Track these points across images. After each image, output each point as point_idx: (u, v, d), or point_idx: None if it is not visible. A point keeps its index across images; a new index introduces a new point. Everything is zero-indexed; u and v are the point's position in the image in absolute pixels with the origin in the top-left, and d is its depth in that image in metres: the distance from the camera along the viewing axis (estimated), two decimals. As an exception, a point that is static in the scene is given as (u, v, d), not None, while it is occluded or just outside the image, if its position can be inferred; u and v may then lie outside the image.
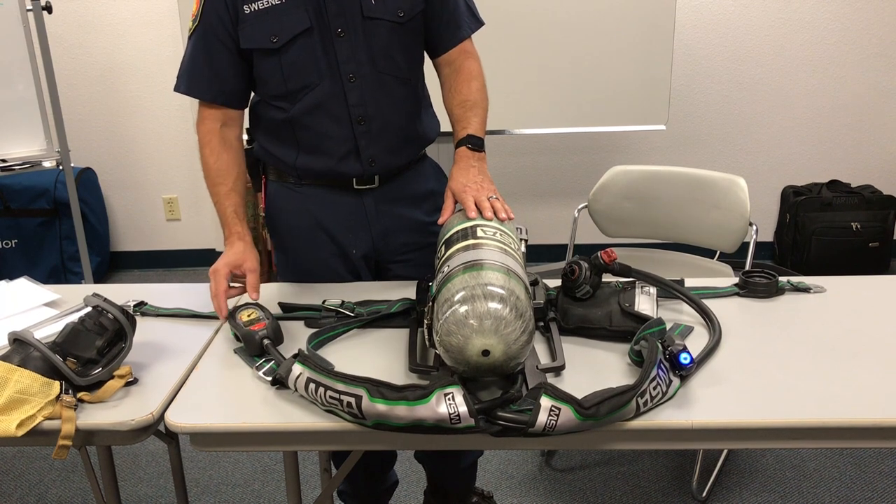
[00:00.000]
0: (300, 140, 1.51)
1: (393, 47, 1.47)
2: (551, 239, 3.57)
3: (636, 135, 3.63)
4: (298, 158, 1.52)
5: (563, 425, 1.00)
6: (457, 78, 1.55)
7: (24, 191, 3.51)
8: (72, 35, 3.60)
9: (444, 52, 1.56)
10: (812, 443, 1.09)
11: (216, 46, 1.45)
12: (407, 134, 1.56)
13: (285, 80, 1.46)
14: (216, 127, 1.49)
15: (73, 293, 1.53)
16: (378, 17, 1.44)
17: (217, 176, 1.47)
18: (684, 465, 2.26)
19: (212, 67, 1.47)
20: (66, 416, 1.08)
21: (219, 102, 1.49)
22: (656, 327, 1.17)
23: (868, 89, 3.56)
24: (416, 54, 1.55)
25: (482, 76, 1.57)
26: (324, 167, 1.52)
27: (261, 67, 1.47)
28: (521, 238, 1.34)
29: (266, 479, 2.27)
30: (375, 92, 1.48)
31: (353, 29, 1.43)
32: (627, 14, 2.98)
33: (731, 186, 2.21)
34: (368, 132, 1.49)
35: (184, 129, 3.67)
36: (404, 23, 1.47)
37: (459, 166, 1.45)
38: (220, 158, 1.48)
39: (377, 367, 1.22)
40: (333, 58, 1.44)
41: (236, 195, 1.47)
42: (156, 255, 3.96)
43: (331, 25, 1.42)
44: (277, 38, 1.42)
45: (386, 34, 1.46)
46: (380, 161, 1.53)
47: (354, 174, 1.53)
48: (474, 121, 1.50)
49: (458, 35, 1.55)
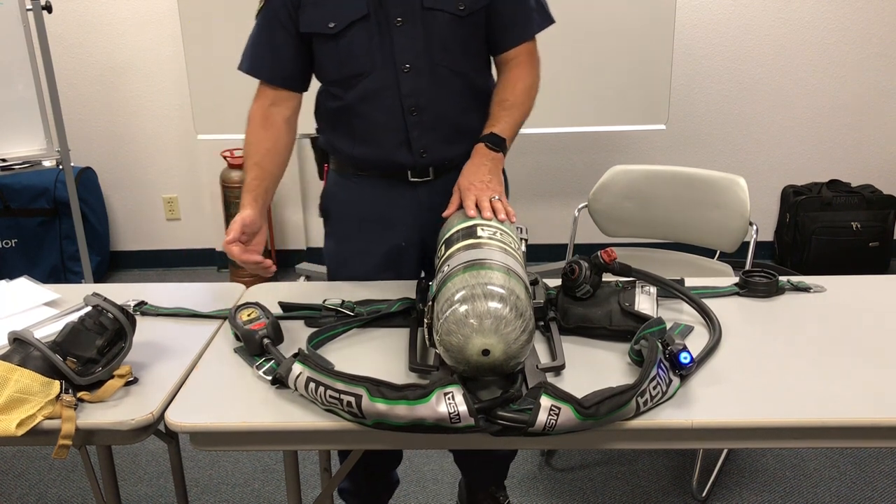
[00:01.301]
0: (355, 129, 1.54)
1: (451, 40, 1.47)
2: (551, 238, 3.57)
3: (636, 134, 3.63)
4: (355, 148, 1.55)
5: (563, 425, 1.00)
6: (507, 76, 1.55)
7: (24, 190, 3.51)
8: (72, 35, 3.60)
9: (504, 51, 1.55)
10: (812, 442, 1.09)
11: (278, 29, 1.49)
12: (461, 127, 1.54)
13: (340, 66, 1.48)
14: (265, 105, 1.53)
15: (73, 293, 1.53)
16: (438, 8, 1.44)
17: (248, 148, 1.52)
18: (684, 465, 2.26)
19: (272, 49, 1.51)
20: (66, 416, 1.08)
21: (276, 84, 1.53)
22: (656, 327, 1.18)
23: (868, 89, 3.56)
24: (476, 48, 1.54)
25: (535, 81, 1.56)
26: (377, 157, 1.54)
27: (319, 52, 1.50)
28: (521, 238, 1.34)
29: (266, 478, 2.27)
30: (429, 83, 1.48)
31: (412, 19, 1.44)
32: (627, 14, 2.98)
33: (731, 186, 2.21)
34: (420, 123, 1.50)
35: (184, 129, 3.67)
36: (465, 16, 1.46)
37: (472, 162, 1.46)
38: (256, 133, 1.52)
39: (377, 366, 1.21)
40: (389, 47, 1.45)
41: (257, 168, 1.50)
42: (156, 255, 3.96)
43: (389, 14, 1.43)
44: (334, 24, 1.44)
45: (445, 26, 1.46)
46: (431, 152, 1.53)
47: (406, 165, 1.54)
48: (505, 121, 1.50)
49: (522, 35, 1.54)
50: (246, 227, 1.41)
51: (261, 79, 1.54)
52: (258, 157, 1.51)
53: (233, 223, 1.41)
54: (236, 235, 1.39)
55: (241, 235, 1.40)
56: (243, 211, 1.45)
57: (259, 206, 1.47)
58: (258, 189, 1.48)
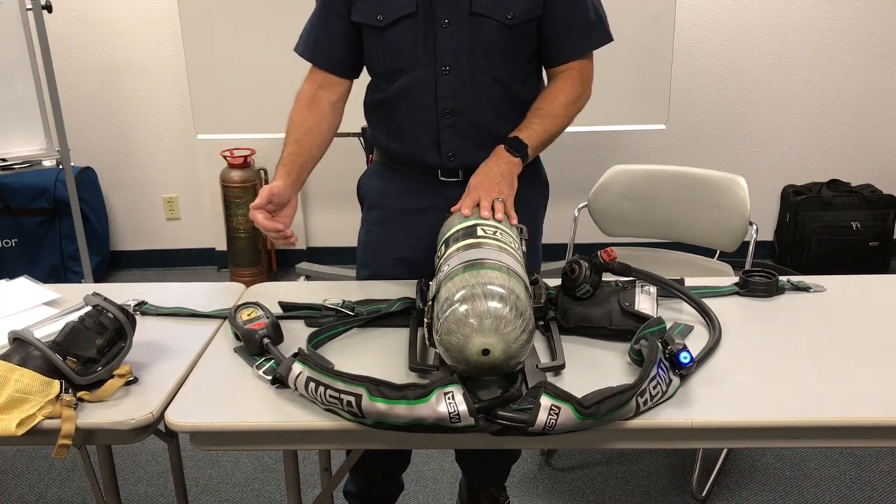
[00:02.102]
0: (391, 122, 1.56)
1: (496, 47, 1.47)
2: (551, 238, 3.53)
3: (636, 134, 3.63)
4: (389, 141, 1.58)
5: (563, 424, 1.00)
6: (551, 88, 1.54)
7: (24, 190, 3.50)
8: (72, 34, 3.60)
9: (558, 65, 1.54)
10: (812, 442, 1.09)
11: (333, 16, 1.53)
12: (494, 135, 1.51)
13: (384, 59, 1.51)
14: (313, 87, 1.57)
15: (73, 292, 1.53)
16: (485, 14, 1.44)
17: (291, 126, 1.55)
18: (684, 465, 2.26)
19: (326, 35, 1.55)
20: (66, 416, 1.08)
21: (327, 69, 1.56)
22: (656, 326, 1.18)
23: (868, 89, 3.56)
24: (521, 59, 1.52)
25: (576, 95, 1.53)
26: (408, 152, 1.56)
27: (367, 43, 1.53)
28: (521, 237, 1.34)
29: (266, 478, 2.27)
30: (468, 88, 1.48)
31: (459, 22, 1.45)
32: (627, 14, 2.97)
33: (731, 186, 2.21)
34: (453, 126, 1.51)
35: (184, 129, 3.67)
36: (513, 26, 1.45)
37: (486, 163, 1.46)
38: (300, 113, 1.55)
39: (377, 366, 1.21)
40: (432, 46, 1.46)
41: (295, 145, 1.51)
42: (156, 255, 3.96)
43: (437, 14, 1.45)
44: (383, 17, 1.46)
45: (491, 33, 1.45)
46: (461, 156, 1.53)
47: (434, 164, 1.55)
48: (534, 128, 1.48)
49: (576, 49, 1.53)
50: (274, 195, 1.42)
51: (312, 62, 1.57)
52: (298, 133, 1.53)
53: (262, 191, 1.42)
54: (262, 202, 1.40)
55: (267, 203, 1.41)
56: (274, 181, 1.46)
57: (291, 180, 1.48)
58: (293, 164, 1.50)
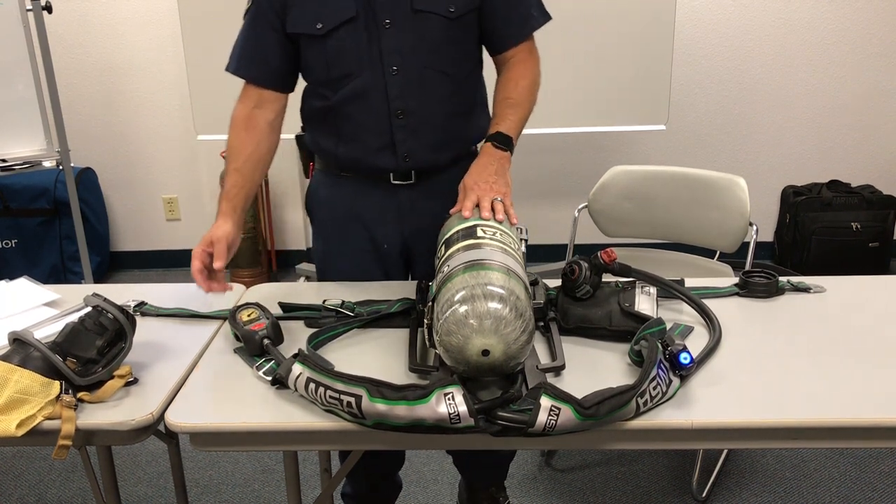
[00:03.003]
0: (340, 129, 1.52)
1: (441, 42, 1.46)
2: (551, 239, 3.57)
3: (636, 135, 3.63)
4: (338, 148, 1.54)
5: (563, 425, 1.00)
6: (508, 74, 1.53)
7: (24, 190, 3.51)
8: (72, 35, 3.60)
9: (504, 51, 1.54)
10: (812, 443, 1.09)
11: (265, 29, 1.47)
12: (449, 132, 1.53)
13: (328, 68, 1.47)
14: (248, 107, 1.51)
15: (73, 293, 1.53)
16: (428, 10, 1.43)
17: (230, 153, 1.50)
18: (684, 465, 2.26)
19: (259, 50, 1.49)
20: (65, 416, 1.08)
21: (263, 84, 1.51)
22: (656, 327, 1.18)
23: (868, 89, 3.56)
24: (467, 51, 1.52)
25: (537, 77, 1.55)
26: (360, 158, 1.53)
27: (306, 53, 1.48)
28: (521, 238, 1.34)
29: (266, 479, 2.27)
30: (418, 87, 1.47)
31: (401, 21, 1.43)
32: (627, 14, 2.98)
33: (731, 186, 2.21)
34: (406, 126, 1.49)
35: (184, 129, 3.67)
36: (455, 18, 1.45)
37: (478, 161, 1.45)
38: (238, 137, 1.50)
39: (377, 366, 1.21)
40: (377, 49, 1.44)
41: (238, 175, 1.47)
42: (156, 255, 3.96)
43: (378, 16, 1.42)
44: (322, 25, 1.43)
45: (435, 28, 1.44)
46: (415, 157, 1.51)
47: (389, 168, 1.52)
48: (510, 119, 1.48)
49: (521, 33, 1.53)
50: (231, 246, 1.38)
51: (248, 80, 1.51)
52: (239, 162, 1.48)
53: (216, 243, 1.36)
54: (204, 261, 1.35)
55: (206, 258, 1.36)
56: (223, 225, 1.40)
57: (237, 217, 1.44)
58: (237, 197, 1.45)
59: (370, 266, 1.60)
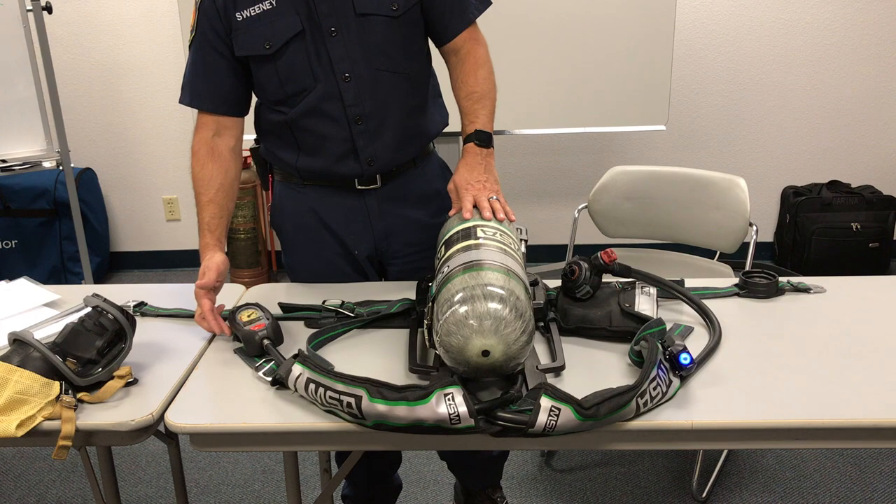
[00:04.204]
0: (300, 142, 1.51)
1: (389, 42, 1.45)
2: (551, 239, 3.57)
3: (636, 135, 3.62)
4: (299, 160, 1.52)
5: (563, 425, 1.00)
6: (463, 67, 1.51)
7: (24, 191, 3.50)
8: (72, 35, 3.60)
9: (448, 41, 1.52)
10: (812, 443, 1.09)
11: (213, 56, 1.45)
12: (408, 131, 1.53)
13: (282, 85, 1.45)
14: (208, 136, 1.48)
15: (73, 293, 1.53)
16: (371, 12, 1.42)
17: (199, 185, 1.47)
18: (684, 466, 2.26)
19: (210, 77, 1.47)
20: (65, 417, 1.08)
21: (219, 112, 1.49)
22: (656, 327, 1.17)
23: (868, 89, 3.56)
24: (416, 47, 1.52)
25: (489, 63, 1.53)
26: (323, 168, 1.51)
27: (258, 74, 1.46)
28: (521, 238, 1.34)
29: (266, 479, 2.27)
30: (372, 90, 1.46)
31: (346, 27, 1.42)
32: (627, 14, 2.98)
33: (731, 187, 2.21)
34: (367, 131, 1.48)
35: (184, 130, 3.67)
36: (399, 16, 1.44)
37: (465, 162, 1.44)
38: (205, 168, 1.47)
39: (377, 367, 1.22)
40: (327, 58, 1.42)
41: (214, 206, 1.45)
42: (156, 256, 3.96)
43: (322, 25, 1.41)
44: (270, 44, 1.41)
45: (381, 30, 1.43)
46: (379, 160, 1.51)
47: (354, 174, 1.52)
48: (482, 114, 1.47)
49: (462, 21, 1.51)
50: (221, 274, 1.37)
51: (204, 109, 1.49)
52: (211, 192, 1.45)
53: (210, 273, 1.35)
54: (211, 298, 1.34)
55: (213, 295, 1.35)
56: (214, 255, 1.38)
57: (222, 246, 1.43)
58: (219, 227, 1.44)
59: (343, 275, 1.59)
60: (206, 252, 1.40)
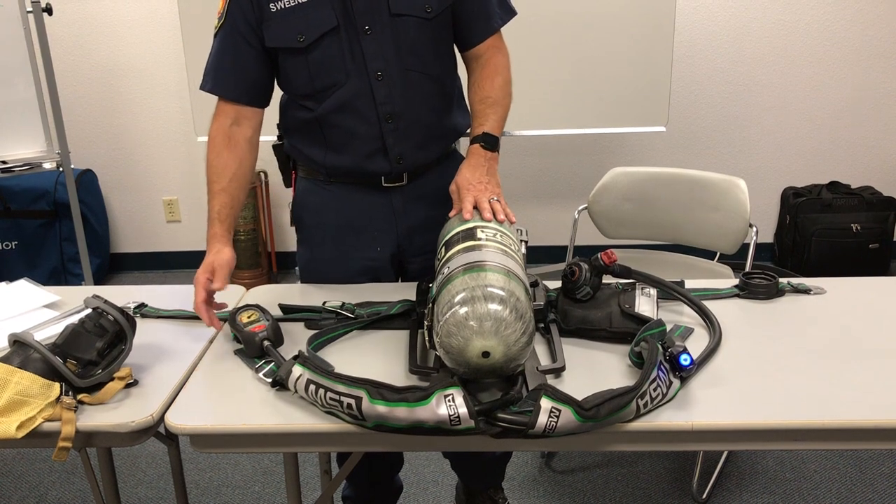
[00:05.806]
0: (328, 139, 1.51)
1: (421, 43, 1.46)
2: (551, 240, 3.56)
3: (636, 136, 3.63)
4: (327, 157, 1.53)
5: (564, 427, 1.00)
6: (482, 73, 1.53)
7: (25, 192, 3.51)
8: (72, 36, 3.60)
9: (472, 47, 1.54)
10: (812, 444, 1.09)
11: (241, 45, 1.45)
12: (436, 130, 1.55)
13: (312, 79, 1.45)
14: (226, 125, 1.48)
15: (73, 295, 1.53)
16: (406, 13, 1.43)
17: (213, 174, 1.46)
18: (685, 467, 2.26)
19: (235, 66, 1.47)
20: (66, 418, 1.08)
21: (242, 101, 1.48)
22: (656, 329, 1.17)
23: (868, 89, 3.56)
24: (446, 49, 1.53)
25: (508, 72, 1.55)
26: (351, 165, 1.52)
27: (287, 66, 1.47)
28: (521, 239, 1.34)
29: (266, 480, 2.27)
30: (403, 89, 1.47)
31: (381, 26, 1.43)
32: (627, 15, 2.98)
33: (731, 188, 2.21)
34: (396, 130, 1.49)
35: (184, 131, 3.67)
36: (432, 18, 1.45)
37: (469, 163, 1.45)
38: (220, 157, 1.46)
39: (377, 368, 1.22)
40: (360, 56, 1.43)
41: (226, 195, 1.44)
42: (156, 257, 3.96)
43: (357, 23, 1.42)
44: (304, 37, 1.41)
45: (414, 30, 1.45)
46: (408, 158, 1.52)
47: (382, 172, 1.52)
48: (492, 118, 1.49)
49: (487, 29, 1.53)
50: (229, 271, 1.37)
51: (225, 97, 1.48)
52: (224, 182, 1.45)
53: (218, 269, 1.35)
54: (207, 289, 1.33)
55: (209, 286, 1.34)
56: (223, 249, 1.39)
57: (230, 237, 1.43)
58: (229, 217, 1.43)
59: (360, 273, 1.59)
60: (214, 243, 1.40)
